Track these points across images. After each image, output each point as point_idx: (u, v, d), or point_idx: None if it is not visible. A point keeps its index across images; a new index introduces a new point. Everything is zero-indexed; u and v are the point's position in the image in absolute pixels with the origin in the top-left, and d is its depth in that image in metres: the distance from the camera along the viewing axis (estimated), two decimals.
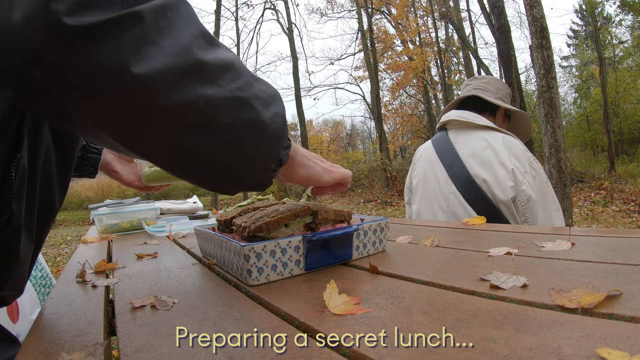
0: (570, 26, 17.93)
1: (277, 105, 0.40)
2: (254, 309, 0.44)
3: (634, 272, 0.44)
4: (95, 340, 0.38)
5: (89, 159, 0.72)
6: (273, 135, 0.40)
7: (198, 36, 0.34)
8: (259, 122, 0.38)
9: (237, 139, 0.37)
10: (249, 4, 11.86)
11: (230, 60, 0.36)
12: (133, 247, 0.97)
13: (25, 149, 0.41)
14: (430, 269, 0.53)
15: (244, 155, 0.38)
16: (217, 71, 0.34)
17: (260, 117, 0.38)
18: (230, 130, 0.36)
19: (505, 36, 4.79)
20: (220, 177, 0.39)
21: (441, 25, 12.89)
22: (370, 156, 14.68)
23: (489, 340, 0.30)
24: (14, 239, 0.42)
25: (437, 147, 1.32)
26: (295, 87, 11.37)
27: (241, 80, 0.36)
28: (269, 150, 0.40)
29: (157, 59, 0.30)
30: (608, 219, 5.30)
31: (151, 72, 0.30)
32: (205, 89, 0.33)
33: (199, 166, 0.37)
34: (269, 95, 0.40)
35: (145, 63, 0.29)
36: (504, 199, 1.13)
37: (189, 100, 0.32)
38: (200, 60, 0.33)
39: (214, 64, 0.34)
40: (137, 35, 0.29)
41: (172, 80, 0.31)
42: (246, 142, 0.37)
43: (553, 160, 3.15)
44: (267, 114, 0.38)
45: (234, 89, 0.35)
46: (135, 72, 0.29)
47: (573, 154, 12.00)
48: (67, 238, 6.50)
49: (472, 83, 1.39)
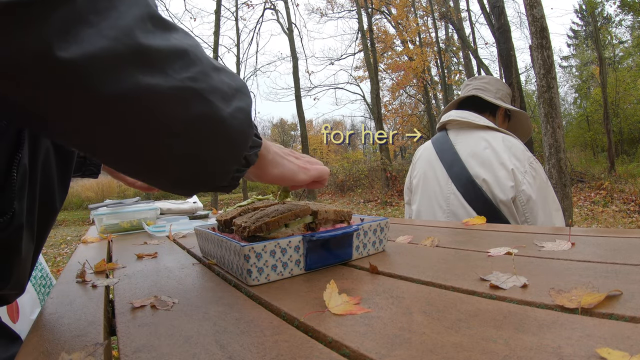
0: (570, 26, 17.95)
1: (241, 100, 0.36)
2: (254, 309, 0.44)
3: (634, 272, 0.44)
4: (95, 340, 0.38)
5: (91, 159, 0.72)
6: (234, 134, 0.35)
7: (144, 19, 0.30)
8: (216, 117, 0.33)
9: (187, 136, 0.32)
10: (249, 4, 11.87)
11: (183, 46, 0.32)
12: (133, 247, 0.97)
13: (26, 149, 0.41)
14: (430, 269, 0.53)
15: (198, 155, 0.34)
16: (165, 58, 0.30)
17: (218, 112, 0.33)
18: (178, 126, 0.31)
19: (505, 36, 4.79)
20: (173, 179, 0.36)
21: (441, 25, 12.90)
22: (370, 156, 14.69)
23: (489, 340, 0.30)
24: (16, 238, 0.42)
25: (437, 147, 1.32)
26: (295, 87, 11.37)
27: (194, 69, 0.32)
28: (229, 150, 0.36)
29: (90, 42, 0.26)
30: (608, 219, 5.30)
31: (82, 57, 0.26)
32: (148, 78, 0.29)
33: (146, 166, 0.34)
34: (232, 88, 0.35)
35: (75, 46, 0.26)
36: (504, 199, 1.13)
37: (128, 90, 0.28)
38: (143, 45, 0.29)
39: (162, 49, 0.30)
40: (67, 15, 0.26)
41: (108, 66, 0.27)
42: (198, 141, 0.33)
43: (553, 160, 3.15)
44: (226, 109, 0.34)
45: (184, 79, 0.31)
46: (61, 55, 0.25)
47: (573, 154, 12.00)
48: (67, 238, 6.51)
49: (472, 83, 1.39)
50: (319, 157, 18.12)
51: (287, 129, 26.30)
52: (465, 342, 0.30)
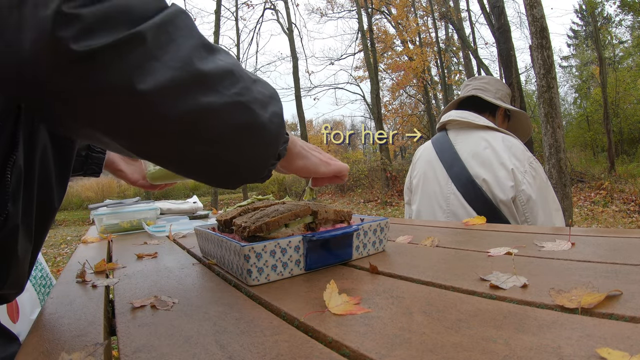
0: (570, 26, 17.95)
1: (275, 105, 0.42)
2: (254, 309, 0.44)
3: (634, 272, 0.44)
4: (95, 340, 0.38)
5: (93, 158, 0.72)
6: (272, 135, 0.42)
7: (198, 47, 0.35)
8: (258, 123, 0.39)
9: (238, 141, 0.38)
10: (249, 4, 11.87)
11: (229, 66, 0.38)
12: (133, 247, 0.97)
13: (21, 149, 0.41)
14: (430, 269, 0.53)
15: (245, 155, 0.40)
16: (217, 79, 0.36)
17: (259, 118, 0.39)
18: (231, 133, 0.38)
19: (505, 36, 4.79)
20: (224, 175, 0.42)
21: (441, 25, 12.90)
22: (370, 156, 14.69)
23: (489, 340, 0.30)
24: (11, 240, 0.42)
25: (437, 147, 1.32)
26: (295, 87, 11.37)
27: (240, 85, 0.38)
28: (268, 148, 0.42)
29: (160, 73, 0.32)
30: (608, 219, 5.30)
31: (155, 87, 0.31)
32: (207, 97, 0.34)
33: (204, 167, 0.40)
34: (267, 97, 0.41)
35: (150, 78, 0.31)
36: (504, 199, 1.13)
37: (192, 109, 0.34)
38: (200, 71, 0.34)
39: (214, 72, 0.36)
40: (141, 53, 0.31)
41: (175, 92, 0.33)
42: (247, 144, 0.39)
43: (553, 160, 3.15)
44: (265, 114, 0.40)
45: (233, 95, 0.37)
46: (140, 88, 0.31)
47: (573, 154, 12.00)
48: (67, 238, 6.50)
49: (472, 83, 1.39)
50: None
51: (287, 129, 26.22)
52: (465, 342, 0.30)
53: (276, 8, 12.32)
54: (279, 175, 13.84)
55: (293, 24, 11.87)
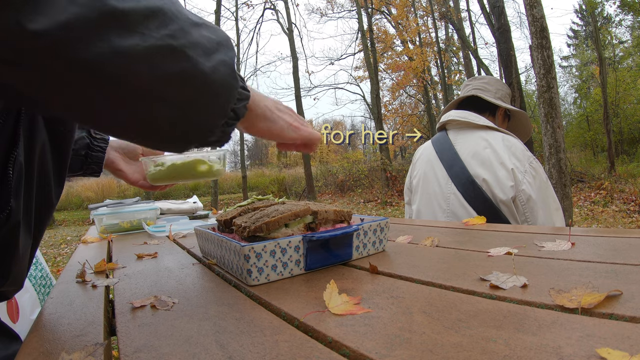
0: (570, 26, 17.96)
1: (224, 53, 0.36)
2: (254, 309, 0.44)
3: (634, 272, 0.44)
4: (95, 340, 0.38)
5: (92, 157, 0.71)
6: (216, 87, 0.35)
7: None
8: (197, 73, 0.33)
9: (172, 94, 0.33)
10: (249, 4, 11.86)
11: (157, 5, 0.31)
12: (133, 247, 0.97)
13: (22, 146, 0.41)
14: (430, 269, 0.53)
15: (183, 111, 0.34)
16: (139, 18, 0.30)
17: (198, 66, 0.33)
18: (162, 84, 0.32)
19: (505, 36, 4.79)
20: (163, 134, 0.36)
21: (441, 25, 12.89)
22: (370, 156, 14.69)
23: (489, 340, 0.30)
24: (13, 235, 0.42)
25: (437, 147, 1.32)
26: (295, 87, 11.37)
27: (173, 27, 0.32)
28: (214, 104, 0.36)
29: (60, 10, 0.26)
30: (608, 219, 5.30)
31: (53, 27, 0.26)
32: (124, 40, 0.29)
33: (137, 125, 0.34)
34: (214, 43, 0.35)
35: (45, 17, 0.25)
36: (504, 199, 1.13)
37: (104, 54, 0.28)
38: (115, 8, 0.28)
39: (135, 10, 0.29)
40: None
41: (82, 34, 0.27)
42: (184, 98, 0.33)
43: (553, 160, 3.15)
44: (207, 63, 0.34)
45: (163, 37, 0.31)
46: (32, 28, 0.25)
47: (573, 154, 12.01)
48: (67, 238, 6.50)
49: (472, 83, 1.39)
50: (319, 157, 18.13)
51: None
52: (465, 342, 0.30)
53: (276, 8, 12.33)
54: (279, 175, 13.83)
55: (293, 24, 11.87)
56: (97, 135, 0.72)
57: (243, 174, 11.19)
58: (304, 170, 11.10)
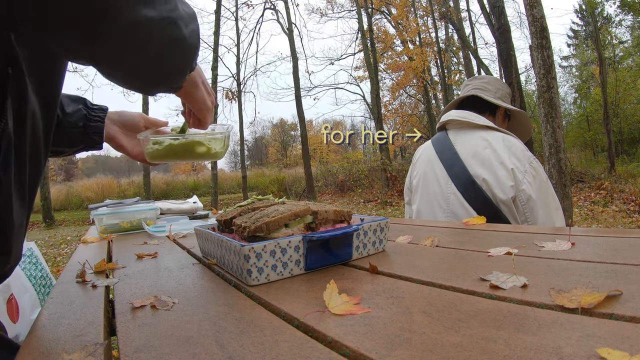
0: (570, 26, 17.97)
1: (194, 24, 0.48)
2: (254, 309, 0.44)
3: (634, 272, 0.44)
4: (95, 340, 0.38)
5: (91, 127, 0.71)
6: (191, 49, 0.48)
7: None
8: (182, 38, 0.45)
9: (168, 52, 0.45)
10: (249, 4, 11.87)
11: None
12: (133, 247, 0.97)
13: (10, 117, 0.42)
14: (430, 269, 0.53)
15: (169, 62, 0.46)
16: None
17: (182, 33, 0.44)
18: (162, 45, 0.43)
19: (505, 36, 4.79)
20: (149, 81, 0.48)
21: (441, 25, 12.90)
22: (370, 156, 14.68)
23: (489, 340, 0.30)
24: (7, 209, 0.43)
25: (437, 147, 1.32)
26: (295, 87, 11.37)
27: (172, 3, 0.43)
28: (187, 60, 0.49)
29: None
30: (608, 219, 5.30)
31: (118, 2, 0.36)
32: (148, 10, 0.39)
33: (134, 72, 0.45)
34: (189, 15, 0.47)
35: None
36: (504, 199, 1.13)
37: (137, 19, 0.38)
38: None
39: None
40: None
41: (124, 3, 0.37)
42: (173, 54, 0.46)
43: (553, 160, 3.15)
44: (186, 30, 0.45)
45: (166, 10, 0.41)
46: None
47: (573, 154, 12.01)
48: (67, 238, 6.51)
49: (472, 83, 1.39)
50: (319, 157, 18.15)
51: (287, 129, 26.30)
52: (465, 342, 0.30)
53: (276, 8, 12.33)
54: (279, 175, 13.83)
55: (293, 24, 11.87)
56: (94, 106, 0.72)
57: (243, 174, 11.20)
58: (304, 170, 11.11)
